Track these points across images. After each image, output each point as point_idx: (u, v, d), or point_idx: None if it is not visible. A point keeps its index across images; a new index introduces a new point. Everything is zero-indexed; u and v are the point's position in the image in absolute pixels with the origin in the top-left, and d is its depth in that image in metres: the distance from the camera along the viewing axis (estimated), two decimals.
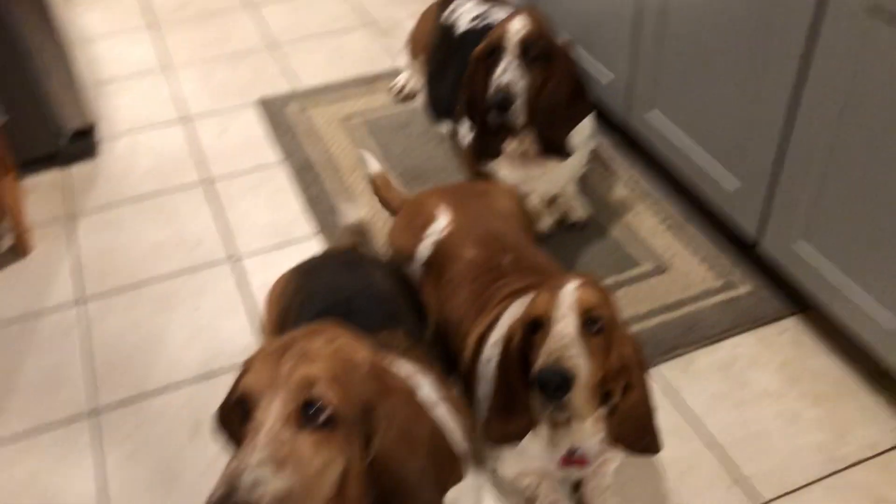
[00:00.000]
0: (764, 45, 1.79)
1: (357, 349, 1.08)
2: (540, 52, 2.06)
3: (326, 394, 0.99)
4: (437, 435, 1.11)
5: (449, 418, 1.29)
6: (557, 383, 1.28)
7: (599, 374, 1.38)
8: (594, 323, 1.35)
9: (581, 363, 1.31)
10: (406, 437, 1.06)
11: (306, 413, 0.98)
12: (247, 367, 1.07)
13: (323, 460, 0.98)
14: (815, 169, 1.74)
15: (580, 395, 1.30)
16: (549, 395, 1.29)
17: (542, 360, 1.31)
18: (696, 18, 1.99)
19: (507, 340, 1.46)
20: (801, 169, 1.77)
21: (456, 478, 1.15)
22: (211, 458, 1.73)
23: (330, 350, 1.04)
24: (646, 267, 2.12)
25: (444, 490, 1.12)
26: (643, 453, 1.48)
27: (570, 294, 1.35)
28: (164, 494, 1.67)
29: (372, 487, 1.05)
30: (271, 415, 0.98)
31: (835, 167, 1.69)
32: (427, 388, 1.31)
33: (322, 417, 0.99)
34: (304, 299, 1.57)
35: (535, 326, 1.38)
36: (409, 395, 1.09)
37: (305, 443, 0.97)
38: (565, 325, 1.33)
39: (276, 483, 0.93)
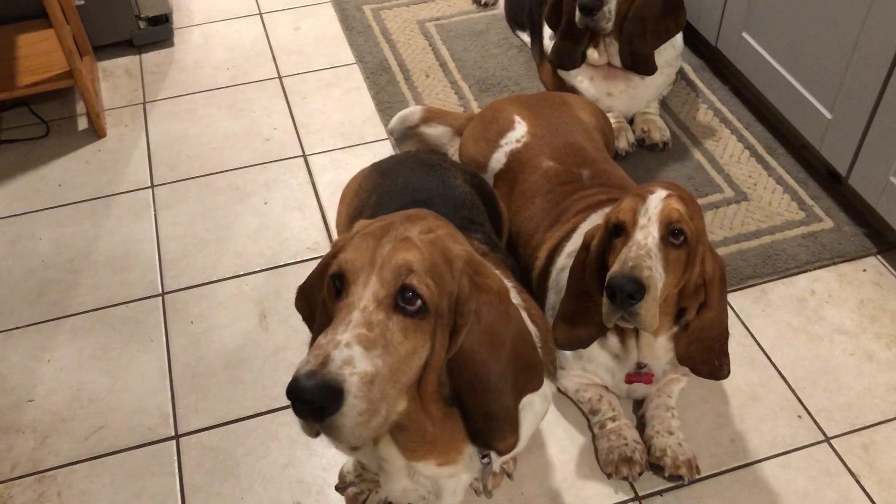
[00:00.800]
0: None
1: (454, 242, 1.06)
2: None
3: (422, 282, 0.98)
4: (522, 339, 1.09)
5: (529, 325, 1.27)
6: (628, 292, 1.26)
7: (675, 289, 1.35)
8: (677, 236, 1.31)
9: (656, 275, 1.28)
10: (492, 336, 1.04)
11: (401, 298, 0.97)
12: (341, 245, 1.06)
13: (410, 347, 0.98)
14: None
15: (649, 307, 1.27)
16: (619, 302, 1.27)
17: (617, 265, 1.29)
18: None
19: (587, 242, 1.42)
20: None
21: (535, 386, 1.13)
22: (276, 346, 1.76)
23: (428, 239, 1.02)
24: (726, 194, 2.05)
25: (521, 395, 1.11)
26: (710, 376, 1.45)
27: (656, 203, 1.31)
28: (231, 377, 1.70)
29: (450, 382, 1.04)
30: (367, 295, 0.97)
31: None
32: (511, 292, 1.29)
33: (415, 305, 0.98)
34: (381, 198, 1.55)
35: (616, 230, 1.34)
36: (501, 294, 1.07)
37: (396, 327, 0.97)
38: (646, 234, 1.30)
39: (364, 364, 0.93)
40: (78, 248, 1.99)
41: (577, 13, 2.01)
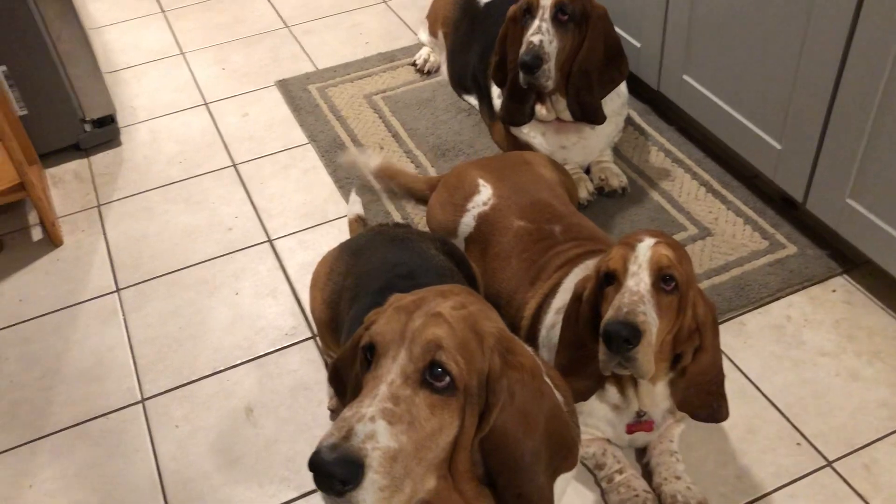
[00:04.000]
0: (810, 6, 1.75)
1: (486, 318, 1.06)
2: (574, 13, 2.03)
3: (451, 359, 0.98)
4: (556, 418, 1.08)
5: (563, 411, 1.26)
6: (624, 336, 1.27)
7: (669, 334, 1.37)
8: (668, 281, 1.33)
9: (650, 320, 1.30)
10: (526, 415, 1.03)
11: (429, 374, 0.97)
12: (373, 318, 1.05)
13: (437, 424, 0.96)
14: (865, 129, 1.70)
15: (646, 351, 1.29)
16: (615, 349, 1.28)
17: (611, 312, 1.30)
18: None
19: (578, 293, 1.43)
20: (850, 129, 1.74)
21: (570, 465, 1.11)
22: (267, 440, 1.71)
23: (460, 315, 1.02)
24: (690, 231, 2.10)
25: (555, 476, 1.09)
26: (710, 419, 1.46)
27: (645, 250, 1.34)
28: (225, 479, 1.65)
29: (483, 462, 1.03)
30: (395, 369, 0.96)
31: (884, 123, 1.67)
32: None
33: (443, 382, 0.97)
34: (359, 278, 1.54)
35: (608, 279, 1.36)
36: (534, 372, 1.06)
37: (423, 403, 0.96)
38: (638, 280, 1.32)
39: (387, 439, 0.91)
40: (47, 363, 1.92)
41: (520, 72, 2.06)
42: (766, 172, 2.06)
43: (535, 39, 2.03)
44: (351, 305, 1.51)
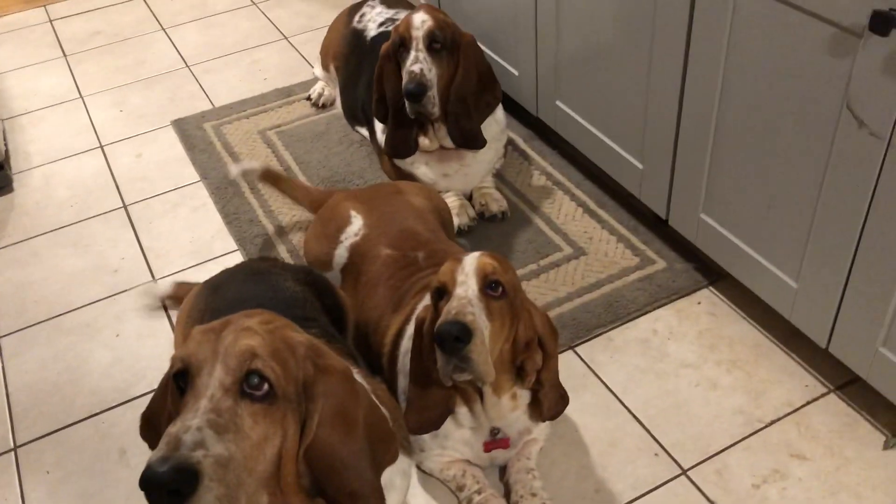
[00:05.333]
0: (651, 34, 1.83)
1: (293, 330, 1.10)
2: (446, 41, 2.10)
3: (267, 366, 1.00)
4: (373, 413, 1.13)
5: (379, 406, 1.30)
6: (455, 334, 1.30)
7: (506, 343, 1.41)
8: (494, 287, 1.38)
9: (480, 321, 1.34)
10: (343, 415, 1.07)
11: (247, 384, 0.99)
12: (180, 351, 1.07)
13: (262, 433, 0.98)
14: (707, 145, 1.78)
15: (479, 351, 1.33)
16: (448, 349, 1.32)
17: (441, 317, 1.34)
18: (588, 13, 2.04)
19: (419, 326, 1.47)
20: (695, 146, 1.82)
21: (392, 457, 1.16)
22: (137, 481, 1.70)
23: (268, 328, 1.06)
24: (565, 251, 2.16)
25: (381, 469, 1.13)
26: (561, 413, 1.56)
27: (472, 261, 1.40)
28: None
29: (309, 471, 1.05)
30: (213, 383, 0.98)
31: (723, 141, 1.75)
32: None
33: (262, 390, 0.99)
34: (213, 314, 1.56)
35: (439, 294, 1.41)
36: (346, 374, 1.10)
37: (245, 413, 0.98)
38: (466, 287, 1.37)
39: (217, 447, 0.92)
40: None
41: (407, 102, 2.11)
42: (633, 191, 2.13)
43: (416, 68, 2.08)
44: None
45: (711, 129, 1.75)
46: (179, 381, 1.01)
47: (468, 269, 1.39)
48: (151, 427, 1.18)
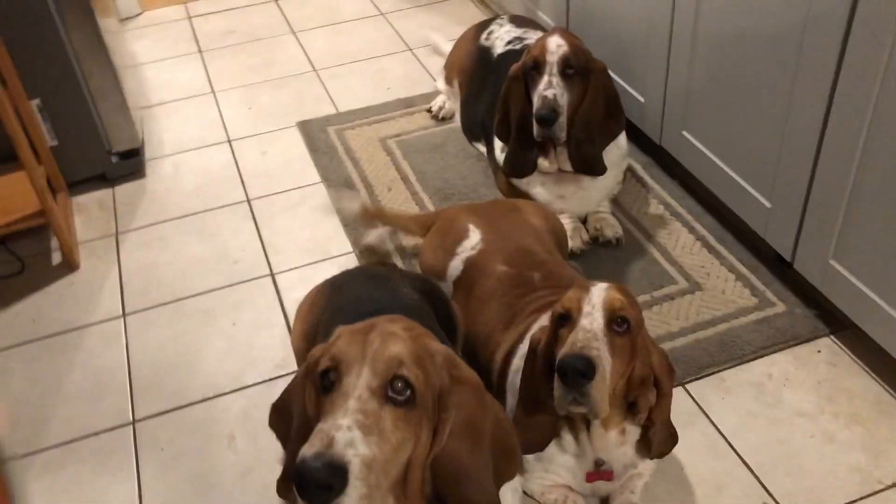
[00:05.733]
0: (794, 69, 1.78)
1: (432, 339, 1.14)
2: (579, 67, 2.10)
3: (412, 373, 1.04)
4: (500, 427, 1.16)
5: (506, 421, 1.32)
6: (579, 370, 1.30)
7: (622, 379, 1.39)
8: (620, 323, 1.37)
9: (604, 356, 1.33)
10: (473, 426, 1.10)
11: (392, 389, 1.03)
12: (319, 352, 1.11)
13: (400, 437, 1.02)
14: (846, 189, 1.72)
15: (600, 388, 1.32)
16: (570, 383, 1.31)
17: (566, 347, 1.34)
18: (726, 43, 2.00)
19: (533, 346, 1.47)
20: (832, 189, 1.76)
21: (513, 472, 1.19)
22: (245, 468, 1.77)
23: (411, 335, 1.10)
24: (680, 285, 2.12)
25: (501, 483, 1.17)
26: (670, 451, 1.54)
27: (599, 292, 1.39)
28: (203, 499, 1.71)
29: (432, 480, 1.08)
30: (361, 384, 1.02)
31: (863, 187, 1.68)
32: None
33: (405, 395, 1.03)
34: (333, 314, 1.60)
35: (562, 320, 1.40)
36: (478, 387, 1.13)
37: (388, 416, 1.02)
38: (592, 320, 1.36)
39: (364, 448, 0.96)
40: (49, 382, 2.02)
41: (536, 126, 2.12)
42: (757, 230, 2.07)
43: (550, 94, 2.09)
44: (325, 338, 1.57)
45: (852, 173, 1.69)
46: (328, 377, 1.05)
47: (595, 301, 1.38)
48: (282, 418, 1.22)
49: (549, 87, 2.09)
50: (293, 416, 1.17)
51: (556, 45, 2.10)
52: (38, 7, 2.30)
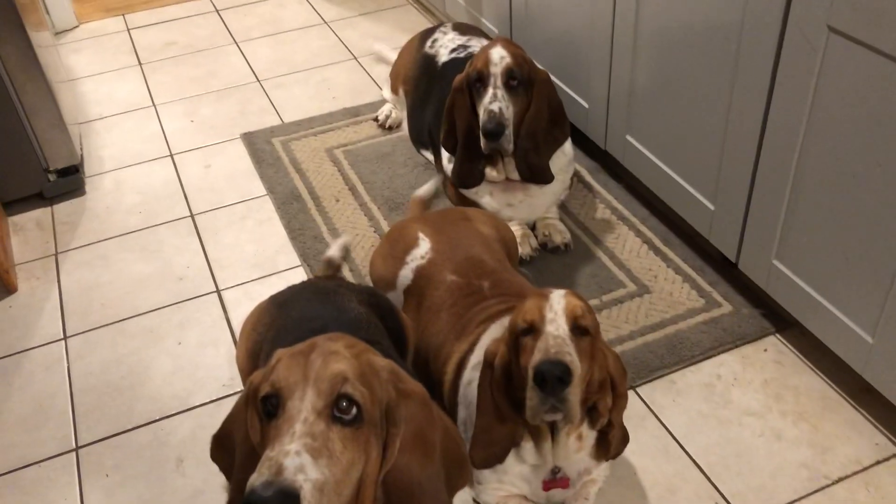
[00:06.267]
0: (732, 72, 1.81)
1: (375, 354, 1.13)
2: (523, 78, 2.10)
3: (357, 390, 1.02)
4: (450, 437, 1.15)
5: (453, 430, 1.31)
6: (558, 375, 1.29)
7: (583, 383, 1.39)
8: (581, 328, 1.37)
9: (576, 361, 1.33)
10: (423, 439, 1.08)
11: (338, 408, 1.01)
12: (259, 377, 1.08)
13: (350, 458, 1.00)
14: (786, 190, 1.75)
15: (576, 392, 1.32)
16: (549, 390, 1.30)
17: (539, 354, 1.33)
18: (666, 46, 2.02)
19: (489, 361, 1.46)
20: (773, 190, 1.79)
21: (464, 481, 1.18)
22: (194, 491, 1.72)
23: (354, 352, 1.08)
24: (629, 288, 2.13)
25: (454, 493, 1.15)
26: (621, 453, 1.55)
27: (559, 299, 1.39)
28: None
29: (385, 496, 1.06)
30: (306, 406, 0.99)
31: (802, 188, 1.71)
32: None
33: (351, 414, 1.01)
34: (278, 332, 1.57)
35: (524, 331, 1.39)
36: (425, 399, 1.12)
37: (336, 437, 1.00)
38: (557, 326, 1.35)
39: (315, 472, 0.94)
40: None
41: (483, 139, 2.11)
42: (702, 231, 2.10)
43: (495, 107, 2.08)
44: (269, 359, 1.54)
45: (791, 174, 1.72)
46: (269, 403, 1.03)
47: (557, 308, 1.37)
48: (225, 448, 1.19)
49: (495, 101, 2.08)
50: (236, 446, 1.14)
51: (500, 57, 2.09)
52: None
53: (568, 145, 2.32)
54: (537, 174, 2.19)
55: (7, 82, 2.36)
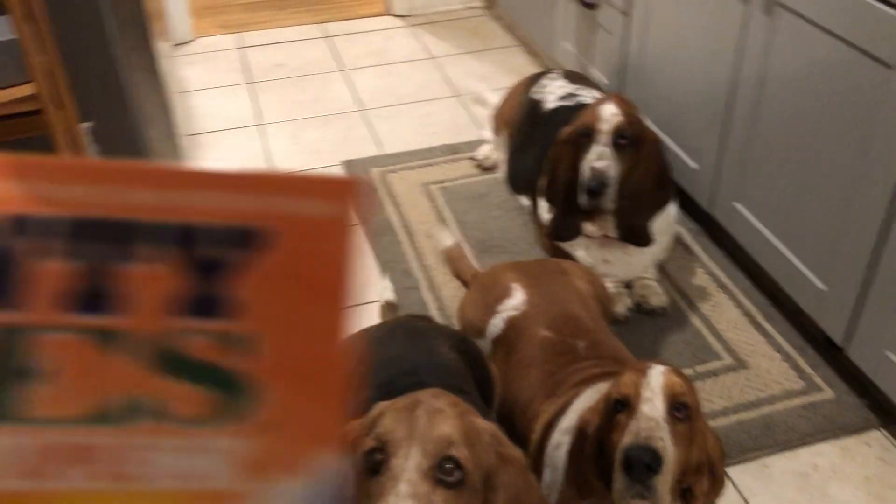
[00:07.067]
0: (863, 150, 1.74)
1: (477, 416, 1.10)
2: (631, 138, 2.06)
3: (462, 454, 1.00)
4: None
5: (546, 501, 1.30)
6: (646, 462, 1.23)
7: (681, 466, 1.33)
8: (680, 409, 1.31)
9: (668, 446, 1.27)
10: None
11: (441, 470, 0.99)
12: (356, 430, 1.07)
13: None
14: None
15: (666, 480, 1.26)
16: (636, 476, 1.24)
17: (629, 437, 1.27)
18: (791, 115, 1.96)
19: (582, 430, 1.42)
20: (894, 277, 1.70)
21: None
22: None
23: (457, 412, 1.05)
24: (724, 361, 2.05)
25: None
26: None
27: (657, 376, 1.32)
28: None
29: None
30: (410, 466, 0.97)
31: None
32: None
33: (454, 477, 0.99)
34: (371, 369, 1.56)
35: (618, 405, 1.34)
36: (523, 466, 1.11)
37: (439, 500, 0.97)
38: (652, 406, 1.29)
39: None
40: None
41: (584, 195, 2.08)
42: (808, 310, 2.01)
43: (600, 165, 2.05)
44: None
45: None
46: (374, 457, 1.01)
47: (655, 386, 1.31)
48: None
49: (601, 159, 2.05)
50: None
51: (611, 114, 2.06)
52: (97, 26, 2.31)
53: (672, 207, 2.27)
54: (636, 235, 2.14)
55: (130, 90, 2.44)
